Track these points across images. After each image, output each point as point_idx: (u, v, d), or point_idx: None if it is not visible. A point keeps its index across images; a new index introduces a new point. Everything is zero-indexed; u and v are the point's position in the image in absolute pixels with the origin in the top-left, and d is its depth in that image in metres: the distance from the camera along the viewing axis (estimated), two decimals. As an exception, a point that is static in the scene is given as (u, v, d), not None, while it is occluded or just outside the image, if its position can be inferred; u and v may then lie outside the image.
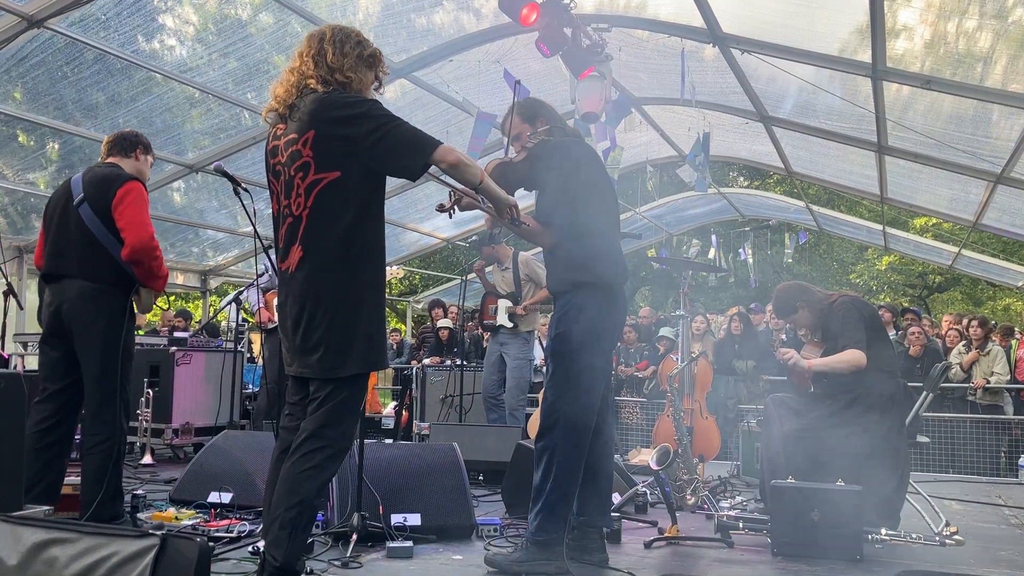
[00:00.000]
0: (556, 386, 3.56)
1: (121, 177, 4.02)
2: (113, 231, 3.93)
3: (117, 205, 3.92)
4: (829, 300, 4.68)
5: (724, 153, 11.54)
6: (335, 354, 2.81)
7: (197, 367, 7.16)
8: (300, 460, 2.79)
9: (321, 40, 2.95)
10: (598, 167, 3.82)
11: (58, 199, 4.10)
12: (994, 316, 19.04)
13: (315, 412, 2.84)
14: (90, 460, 3.88)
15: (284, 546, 2.71)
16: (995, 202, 9.08)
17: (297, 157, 2.85)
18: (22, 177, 8.24)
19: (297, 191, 2.85)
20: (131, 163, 4.20)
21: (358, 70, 2.96)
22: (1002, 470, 8.24)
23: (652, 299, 23.65)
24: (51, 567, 2.25)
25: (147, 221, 3.97)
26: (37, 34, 6.05)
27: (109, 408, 3.90)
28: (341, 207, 2.82)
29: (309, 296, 2.83)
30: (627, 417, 9.31)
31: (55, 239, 4.03)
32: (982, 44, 5.89)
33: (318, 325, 2.81)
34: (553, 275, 3.75)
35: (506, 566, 3.47)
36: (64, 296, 3.93)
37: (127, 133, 4.28)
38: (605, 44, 6.05)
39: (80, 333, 3.90)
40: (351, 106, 2.83)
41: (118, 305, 3.97)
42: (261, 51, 7.22)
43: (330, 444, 2.82)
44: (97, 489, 3.82)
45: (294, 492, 2.75)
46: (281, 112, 2.95)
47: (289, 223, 2.88)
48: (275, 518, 2.75)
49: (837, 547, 3.88)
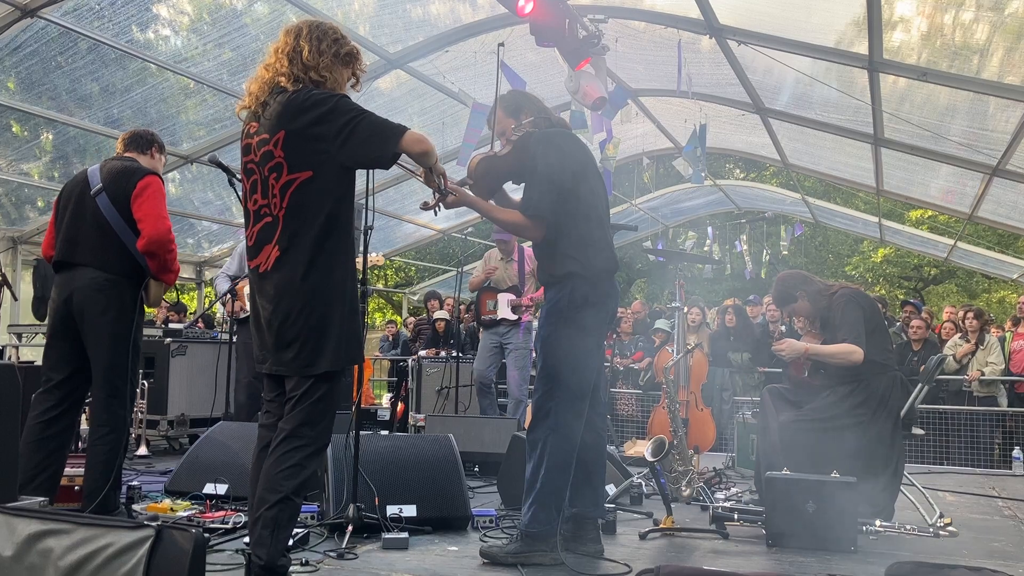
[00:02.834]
0: (547, 378, 3.55)
1: (141, 170, 4.02)
2: (130, 222, 3.92)
3: (136, 197, 3.92)
4: (830, 291, 4.67)
5: (720, 145, 11.54)
6: (310, 351, 2.82)
7: (192, 358, 7.15)
8: (279, 459, 2.79)
9: (297, 37, 2.93)
10: (585, 157, 3.78)
11: (73, 188, 4.07)
12: (989, 308, 19.07)
13: (292, 411, 2.84)
14: (96, 451, 3.87)
15: (267, 545, 2.72)
16: (991, 194, 9.09)
17: (269, 158, 2.85)
18: (16, 167, 8.21)
19: (272, 191, 2.86)
20: (147, 160, 4.19)
21: (333, 69, 2.96)
22: (996, 462, 8.26)
23: (648, 291, 23.66)
24: (46, 558, 2.25)
25: (165, 215, 3.96)
26: (31, 23, 6.02)
27: (118, 400, 3.90)
28: (316, 206, 2.82)
29: (284, 295, 2.82)
30: (623, 408, 9.32)
31: (69, 228, 4.01)
32: (979, 36, 5.88)
33: (292, 323, 2.81)
34: (543, 266, 3.74)
35: (501, 557, 3.47)
36: (75, 285, 3.92)
37: (144, 131, 4.28)
38: (602, 35, 6.03)
39: (90, 323, 3.89)
40: (320, 104, 2.82)
41: (129, 297, 3.96)
42: (256, 41, 7.19)
43: (309, 443, 2.83)
44: (103, 480, 3.81)
45: (274, 491, 2.75)
46: (254, 109, 2.94)
47: (266, 223, 2.88)
48: (257, 518, 2.76)
49: (832, 538, 3.89)
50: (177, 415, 6.93)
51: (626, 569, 3.45)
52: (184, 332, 7.28)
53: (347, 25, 7.16)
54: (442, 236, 14.19)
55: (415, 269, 21.99)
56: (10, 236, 8.83)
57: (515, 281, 7.05)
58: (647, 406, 8.94)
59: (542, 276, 3.77)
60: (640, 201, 14.02)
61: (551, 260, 3.64)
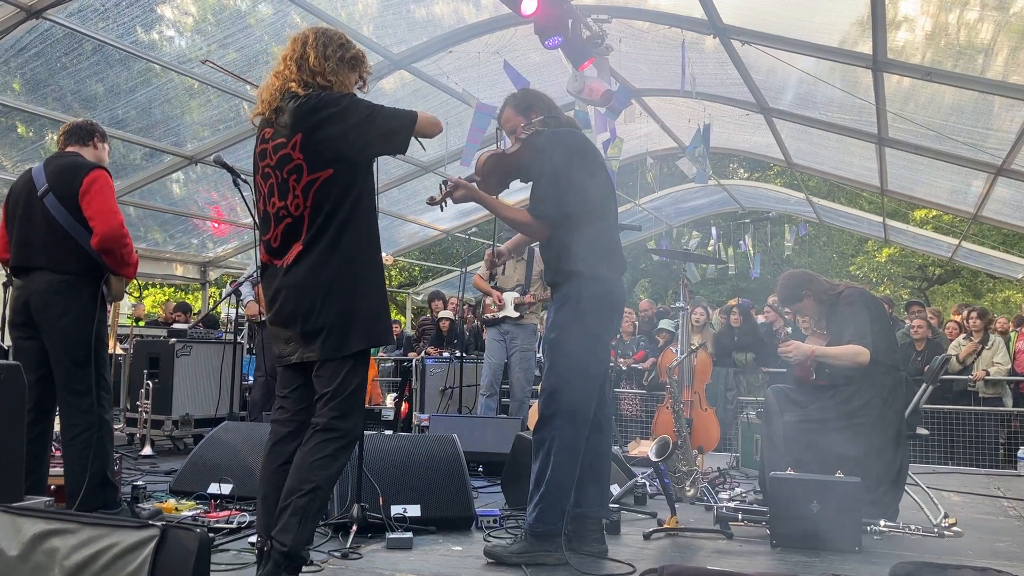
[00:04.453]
0: (554, 378, 3.55)
1: (86, 166, 3.97)
2: (81, 220, 3.88)
3: (84, 194, 3.87)
4: (836, 290, 4.66)
5: (724, 145, 11.51)
6: (337, 336, 2.87)
7: (197, 359, 7.16)
8: (313, 450, 2.84)
9: (304, 44, 3.02)
10: (594, 157, 3.78)
11: (20, 190, 4.03)
12: (994, 308, 19.03)
13: (325, 406, 2.89)
14: (71, 451, 3.85)
15: (294, 532, 2.76)
16: (995, 194, 9.07)
17: (288, 161, 2.92)
18: (21, 168, 8.21)
19: (294, 192, 2.92)
20: (91, 151, 4.15)
21: (339, 73, 3.03)
22: (1001, 462, 8.25)
23: (652, 291, 23.64)
24: (51, 558, 2.26)
25: (115, 209, 3.92)
26: (36, 24, 6.03)
27: (86, 398, 3.88)
28: (338, 201, 2.90)
29: (309, 287, 2.88)
30: (626, 409, 9.32)
31: (20, 230, 3.97)
32: (983, 36, 5.87)
33: (320, 311, 2.87)
34: (550, 266, 3.73)
35: (505, 557, 3.47)
36: (31, 288, 3.89)
37: (82, 122, 4.24)
38: (605, 35, 6.03)
39: (50, 326, 3.86)
40: (332, 104, 2.90)
41: (88, 295, 3.93)
42: (260, 42, 7.19)
43: (342, 435, 2.88)
44: (82, 479, 3.80)
45: (307, 480, 2.80)
46: (267, 116, 3.01)
47: (288, 223, 2.94)
48: (286, 505, 2.79)
49: (836, 538, 3.88)
50: (182, 415, 6.95)
51: (630, 569, 3.45)
52: (189, 333, 7.31)
53: (351, 26, 7.16)
54: (446, 236, 14.18)
55: (419, 269, 22.00)
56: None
57: (522, 279, 7.03)
58: (651, 406, 8.94)
59: (549, 276, 3.76)
60: (644, 201, 14.01)
61: (558, 260, 3.64)
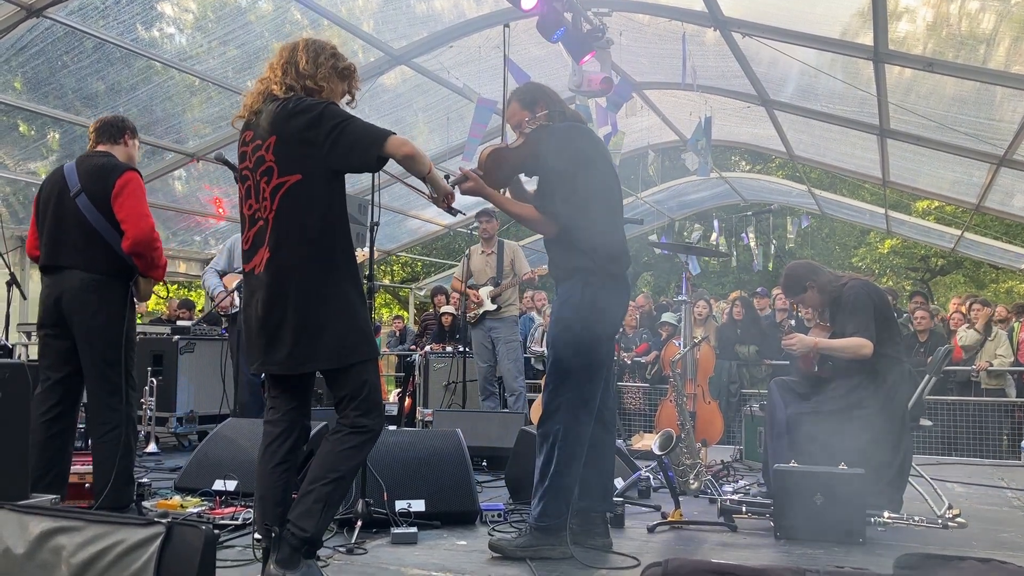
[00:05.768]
0: (558, 372, 3.55)
1: (119, 168, 3.97)
2: (112, 222, 3.90)
3: (116, 196, 3.88)
4: (840, 282, 4.65)
5: (726, 137, 11.50)
6: (305, 347, 2.87)
7: (200, 356, 7.17)
8: (340, 440, 2.89)
9: (293, 51, 3.03)
10: (600, 151, 3.76)
11: (51, 189, 4.03)
12: (997, 299, 18.99)
13: (347, 407, 2.93)
14: (100, 449, 3.88)
15: (317, 517, 2.81)
16: (998, 184, 9.05)
17: (262, 162, 2.93)
18: (23, 167, 8.23)
19: (263, 195, 2.92)
20: (122, 150, 4.14)
21: (330, 80, 3.04)
22: (1004, 452, 8.24)
23: (654, 284, 23.63)
24: (57, 555, 2.27)
25: (147, 212, 3.94)
26: (36, 23, 6.03)
27: (116, 396, 3.91)
28: (305, 209, 2.88)
29: (277, 297, 2.87)
30: (630, 402, 9.33)
31: (52, 229, 3.99)
32: (985, 26, 5.85)
33: (286, 324, 2.86)
34: (555, 261, 3.72)
35: (510, 551, 3.48)
36: (64, 286, 3.91)
37: (112, 119, 4.21)
38: (606, 28, 6.02)
39: (82, 325, 3.89)
40: (309, 109, 2.90)
41: (119, 295, 3.95)
42: (260, 39, 7.20)
43: (368, 430, 2.93)
44: (110, 476, 3.83)
45: (333, 469, 2.85)
46: (248, 119, 3.03)
47: (259, 227, 2.94)
48: (310, 491, 2.83)
49: (840, 530, 3.89)
50: (186, 412, 6.96)
51: (634, 562, 3.45)
52: (192, 329, 7.31)
53: (351, 21, 7.16)
54: (447, 231, 14.18)
55: (421, 264, 22.00)
56: (18, 235, 8.83)
57: (494, 273, 7.14)
58: (654, 400, 8.94)
59: (553, 271, 3.75)
60: (646, 194, 14.00)
61: (563, 255, 3.64)
